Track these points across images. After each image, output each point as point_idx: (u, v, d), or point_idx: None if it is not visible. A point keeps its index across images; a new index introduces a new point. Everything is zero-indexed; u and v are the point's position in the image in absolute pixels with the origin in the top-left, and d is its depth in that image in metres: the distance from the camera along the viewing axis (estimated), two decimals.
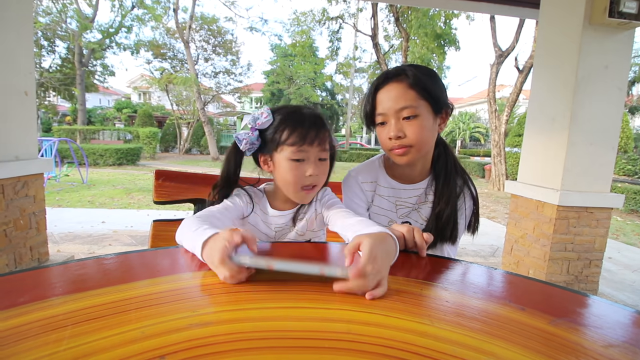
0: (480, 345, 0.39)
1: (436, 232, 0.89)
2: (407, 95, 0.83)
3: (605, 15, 2.10)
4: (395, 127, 0.84)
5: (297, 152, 0.75)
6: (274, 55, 24.79)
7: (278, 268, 0.52)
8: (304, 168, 0.76)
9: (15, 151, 2.20)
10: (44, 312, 0.41)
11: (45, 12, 13.68)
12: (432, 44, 10.01)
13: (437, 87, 0.85)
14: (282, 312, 0.46)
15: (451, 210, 0.89)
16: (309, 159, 0.76)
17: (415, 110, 0.83)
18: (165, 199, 1.14)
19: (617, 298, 2.58)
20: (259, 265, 0.53)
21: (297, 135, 0.74)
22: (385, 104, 0.85)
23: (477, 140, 25.17)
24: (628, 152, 11.60)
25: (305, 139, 0.74)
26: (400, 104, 0.83)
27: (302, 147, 0.74)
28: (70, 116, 19.14)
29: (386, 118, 0.86)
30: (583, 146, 2.31)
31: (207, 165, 12.32)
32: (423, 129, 0.84)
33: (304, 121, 0.75)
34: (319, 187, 0.81)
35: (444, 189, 0.91)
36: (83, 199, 5.54)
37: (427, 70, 0.87)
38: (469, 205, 0.94)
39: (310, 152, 0.76)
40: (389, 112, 0.85)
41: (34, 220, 2.33)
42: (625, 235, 4.90)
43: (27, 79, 2.28)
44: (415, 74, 0.84)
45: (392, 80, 0.85)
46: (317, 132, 0.75)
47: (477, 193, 0.95)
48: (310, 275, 0.53)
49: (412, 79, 0.83)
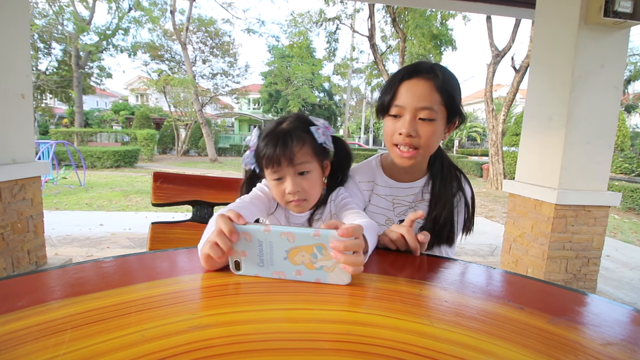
0: (479, 345, 0.40)
1: (433, 234, 0.89)
2: (432, 97, 0.80)
3: (601, 14, 2.11)
4: (410, 124, 0.81)
5: (272, 172, 0.78)
6: (272, 56, 24.79)
7: (275, 230, 0.54)
8: (283, 186, 0.78)
9: (13, 154, 2.19)
10: (42, 316, 0.41)
11: (42, 14, 13.64)
12: (429, 44, 10.05)
13: (458, 96, 0.84)
14: (281, 314, 0.46)
15: (448, 213, 0.89)
16: (285, 177, 0.78)
17: (435, 114, 0.81)
18: (164, 201, 1.14)
19: (616, 296, 2.59)
20: (257, 229, 0.54)
21: (267, 158, 0.76)
22: (406, 98, 0.81)
23: (474, 140, 25.24)
24: (625, 150, 11.67)
25: (273, 161, 0.75)
26: (422, 102, 0.80)
27: (273, 167, 0.77)
28: (68, 119, 19.08)
29: (402, 111, 0.82)
30: (580, 145, 2.33)
31: (205, 167, 12.30)
32: (435, 134, 0.82)
33: (270, 143, 0.76)
34: (309, 199, 0.81)
35: (440, 192, 0.91)
36: (81, 201, 5.52)
37: (454, 76, 0.85)
38: (465, 206, 0.94)
39: (284, 171, 0.77)
40: (408, 106, 0.81)
41: (31, 224, 2.32)
42: (623, 233, 4.92)
43: (23, 81, 2.27)
44: (445, 77, 0.81)
45: (421, 76, 0.82)
46: (284, 151, 0.75)
47: (473, 193, 0.95)
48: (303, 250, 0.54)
49: (441, 81, 0.81)
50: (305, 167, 0.78)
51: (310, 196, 0.81)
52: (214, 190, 1.18)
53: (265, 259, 0.55)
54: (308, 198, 0.80)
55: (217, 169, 12.13)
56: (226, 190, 1.20)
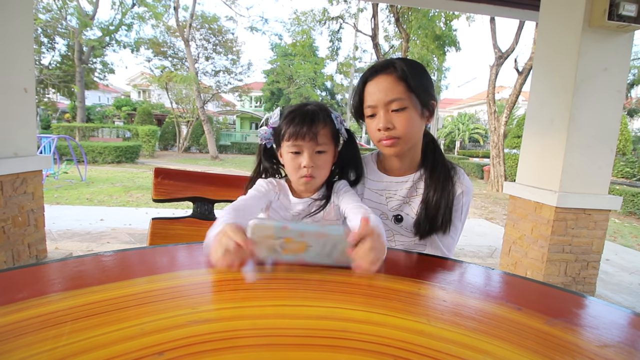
0: (476, 344, 0.40)
1: (427, 221, 0.89)
2: (397, 88, 0.84)
3: (605, 17, 2.11)
4: (384, 118, 0.85)
5: (292, 145, 0.84)
6: (274, 54, 24.75)
7: (292, 227, 0.59)
8: (299, 160, 0.84)
9: (14, 148, 2.20)
10: (43, 308, 0.41)
11: (46, 9, 13.63)
12: (432, 45, 10.01)
13: (425, 80, 0.87)
14: (279, 310, 0.46)
15: (440, 196, 0.89)
16: (304, 152, 0.84)
17: (404, 102, 0.84)
18: (164, 197, 1.14)
19: (614, 300, 2.59)
20: (274, 224, 0.59)
21: (291, 131, 0.83)
22: (374, 96, 0.86)
23: (476, 142, 25.18)
24: (626, 154, 11.63)
25: (298, 134, 0.82)
26: (389, 96, 0.84)
27: (296, 141, 0.83)
28: (70, 113, 19.06)
29: (375, 110, 0.87)
30: (581, 148, 2.32)
31: (206, 164, 12.30)
32: (411, 121, 0.85)
33: (298, 118, 0.83)
34: (318, 178, 0.87)
35: (432, 177, 0.92)
36: (81, 196, 5.53)
37: (416, 63, 0.89)
38: (461, 193, 0.91)
39: (304, 146, 0.83)
40: (378, 104, 0.86)
41: (32, 218, 2.32)
42: (623, 238, 4.91)
43: (26, 75, 2.27)
44: (404, 67, 0.85)
45: (381, 73, 0.86)
46: (309, 127, 0.82)
47: (470, 184, 0.93)
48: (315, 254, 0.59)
49: (400, 71, 0.84)
50: (323, 147, 0.85)
51: (319, 175, 0.87)
52: (214, 187, 1.19)
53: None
54: (317, 176, 0.86)
55: (218, 166, 12.14)
56: (227, 188, 1.20)
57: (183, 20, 14.67)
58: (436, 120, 17.06)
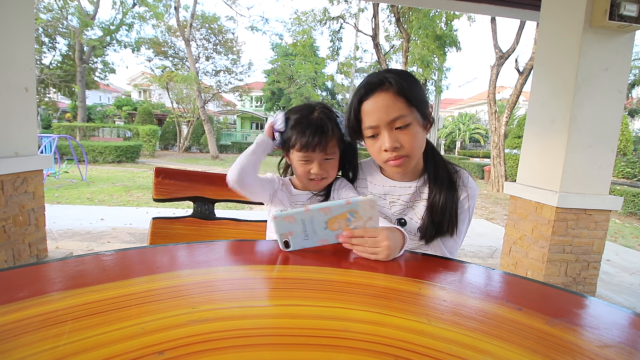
0: (477, 344, 0.40)
1: (433, 226, 0.89)
2: (397, 105, 0.80)
3: (606, 18, 2.10)
4: (390, 138, 0.81)
5: (303, 156, 0.89)
6: (275, 54, 24.71)
7: (312, 208, 0.68)
8: (309, 167, 0.90)
9: (15, 147, 2.20)
10: (43, 307, 0.41)
11: (47, 9, 13.64)
12: (433, 45, 9.99)
13: (418, 89, 0.84)
14: (280, 309, 0.46)
15: (445, 201, 0.88)
16: (313, 160, 0.89)
17: (407, 119, 0.81)
18: (165, 197, 1.14)
19: (615, 300, 2.58)
20: (298, 211, 0.67)
21: (302, 143, 0.87)
22: (374, 116, 0.82)
23: (476, 142, 25.17)
24: (627, 154, 11.63)
25: (308, 147, 0.86)
26: (391, 114, 0.80)
27: (306, 152, 0.88)
28: (70, 113, 19.08)
29: (377, 130, 0.83)
30: (582, 148, 2.32)
31: (206, 164, 12.31)
32: (417, 137, 0.83)
33: (308, 130, 0.86)
34: (328, 179, 0.93)
35: (436, 182, 0.91)
36: (82, 196, 5.54)
37: (406, 73, 0.85)
38: (466, 196, 0.92)
39: (314, 156, 0.88)
40: (380, 123, 0.81)
41: (33, 217, 2.33)
42: (624, 238, 4.91)
43: (27, 75, 2.27)
44: (398, 81, 0.81)
45: (377, 91, 0.82)
46: (319, 139, 0.86)
47: (475, 186, 0.94)
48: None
49: (397, 87, 0.80)
50: (331, 155, 0.91)
51: (329, 176, 0.94)
52: (215, 186, 1.19)
53: (309, 232, 0.68)
54: (327, 177, 0.93)
55: (219, 165, 12.15)
56: (227, 187, 1.19)
57: (184, 20, 14.69)
58: (436, 121, 17.02)
